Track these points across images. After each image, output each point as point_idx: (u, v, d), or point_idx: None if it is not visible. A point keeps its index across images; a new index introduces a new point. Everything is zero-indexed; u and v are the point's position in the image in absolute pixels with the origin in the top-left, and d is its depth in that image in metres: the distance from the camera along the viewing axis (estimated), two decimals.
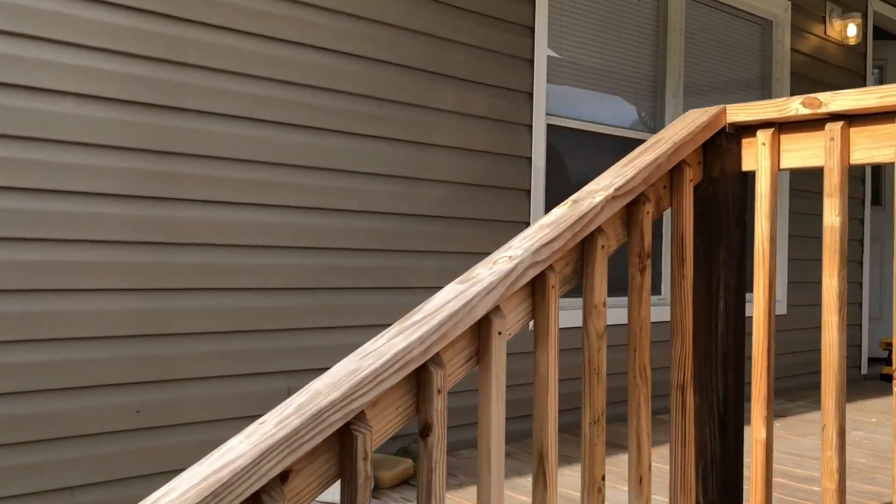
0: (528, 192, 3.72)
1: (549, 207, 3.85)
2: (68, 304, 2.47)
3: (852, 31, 5.59)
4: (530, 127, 3.75)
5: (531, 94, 3.75)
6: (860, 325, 5.60)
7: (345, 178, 3.12)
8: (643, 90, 4.40)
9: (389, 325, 3.12)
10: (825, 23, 5.50)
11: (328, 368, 1.30)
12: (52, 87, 2.45)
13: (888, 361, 5.53)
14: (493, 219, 3.58)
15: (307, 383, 1.37)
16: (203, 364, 2.74)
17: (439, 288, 3.36)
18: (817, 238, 5.41)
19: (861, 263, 5.63)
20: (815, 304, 5.32)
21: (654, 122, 4.45)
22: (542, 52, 3.78)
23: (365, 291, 3.17)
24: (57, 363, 2.44)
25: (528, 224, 3.70)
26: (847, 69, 5.67)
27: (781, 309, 4.95)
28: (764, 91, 5.11)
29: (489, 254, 3.49)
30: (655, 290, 4.63)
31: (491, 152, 3.59)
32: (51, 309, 2.43)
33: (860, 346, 5.60)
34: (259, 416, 2.60)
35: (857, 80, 5.74)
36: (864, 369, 5.62)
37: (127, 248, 2.59)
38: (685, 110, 4.59)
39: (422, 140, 3.35)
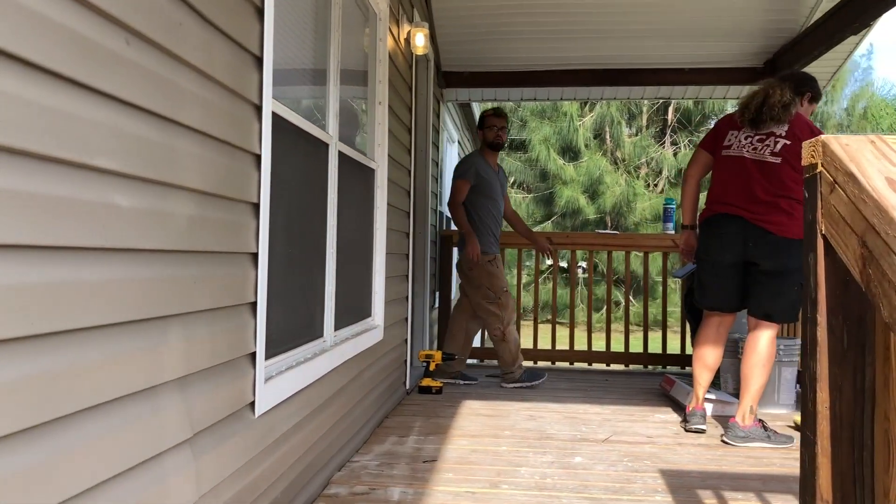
0: (257, 207, 2.45)
1: (273, 232, 2.62)
2: None
3: (420, 40, 5.47)
4: (259, 109, 2.47)
5: (261, 60, 2.48)
6: (407, 341, 5.56)
7: (82, 178, 1.50)
8: (307, 73, 3.41)
9: None
10: (399, 26, 5.23)
11: None
12: None
13: (426, 373, 5.63)
14: (224, 250, 2.23)
15: None
16: None
17: (186, 396, 1.97)
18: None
19: (407, 278, 5.58)
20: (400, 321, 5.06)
21: (322, 115, 3.50)
22: None
23: (98, 413, 1.58)
24: None
25: (255, 257, 2.43)
26: (406, 82, 5.53)
27: (379, 335, 4.52)
28: (368, 89, 4.57)
29: (233, 308, 2.18)
30: None
31: (229, 143, 2.23)
32: None
33: (407, 361, 5.56)
34: None
35: (408, 92, 5.65)
36: (409, 384, 5.61)
37: None
38: (342, 102, 3.75)
39: (171, 115, 1.85)
